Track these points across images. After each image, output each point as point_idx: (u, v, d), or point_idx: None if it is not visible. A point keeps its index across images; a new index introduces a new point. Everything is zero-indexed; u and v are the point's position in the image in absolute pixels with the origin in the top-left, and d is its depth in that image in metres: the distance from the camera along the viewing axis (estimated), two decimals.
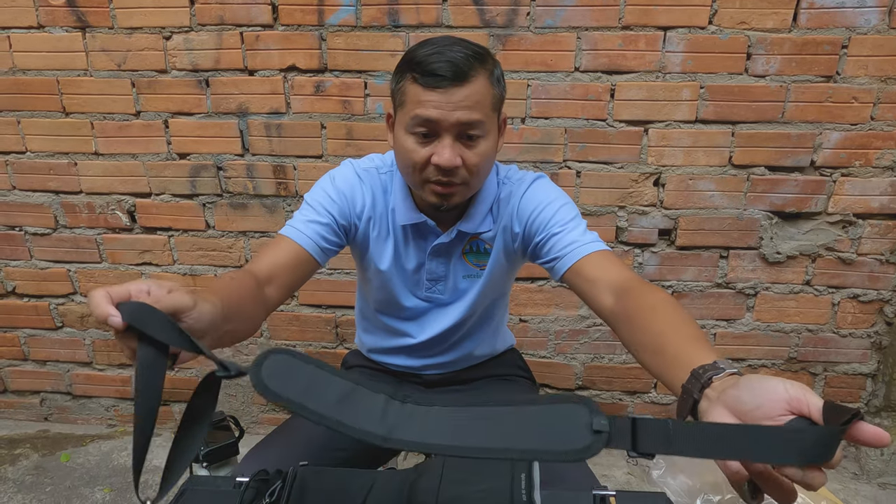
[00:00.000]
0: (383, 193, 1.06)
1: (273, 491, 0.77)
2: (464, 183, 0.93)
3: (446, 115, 0.88)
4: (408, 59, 0.91)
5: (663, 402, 1.93)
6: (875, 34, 1.52)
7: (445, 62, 0.86)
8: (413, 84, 0.89)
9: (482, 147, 0.92)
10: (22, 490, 1.83)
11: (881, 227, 1.69)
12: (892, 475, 1.85)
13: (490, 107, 0.91)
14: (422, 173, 0.93)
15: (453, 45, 0.89)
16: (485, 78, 0.89)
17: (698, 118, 1.63)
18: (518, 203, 1.04)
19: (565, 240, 0.97)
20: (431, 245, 1.06)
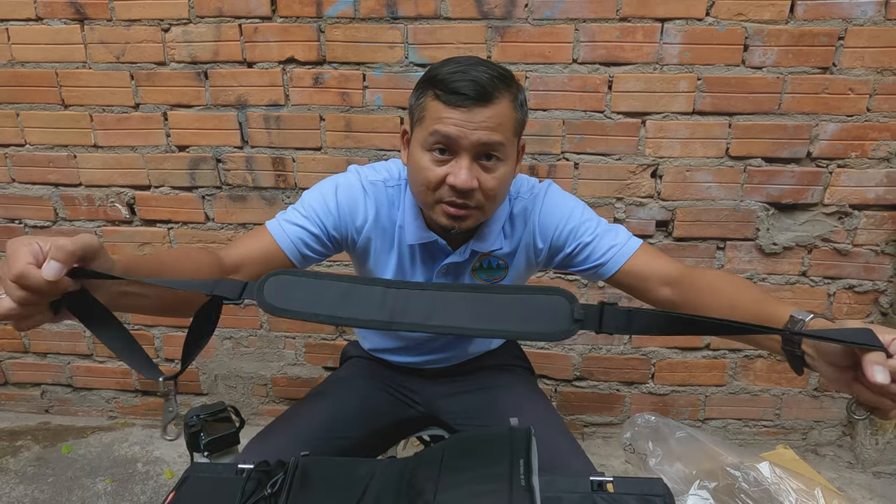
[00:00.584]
0: (389, 207, 1.04)
1: (275, 482, 0.78)
2: (478, 207, 0.91)
3: (467, 133, 0.86)
4: (430, 76, 0.89)
5: (660, 393, 1.95)
6: (871, 25, 1.53)
7: (470, 81, 0.84)
8: (434, 101, 0.87)
9: (500, 171, 0.90)
10: (24, 481, 1.84)
11: (877, 217, 1.71)
12: (886, 464, 1.87)
13: (512, 131, 0.90)
14: (435, 193, 0.91)
15: (478, 65, 0.87)
16: (508, 101, 0.88)
17: (695, 110, 1.64)
18: (538, 219, 1.04)
19: (602, 245, 0.99)
20: (441, 264, 1.04)
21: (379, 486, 0.79)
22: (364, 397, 1.18)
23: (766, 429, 1.97)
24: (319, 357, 2.01)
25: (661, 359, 1.91)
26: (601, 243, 1.00)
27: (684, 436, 1.48)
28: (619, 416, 1.99)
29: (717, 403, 1.95)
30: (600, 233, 1.01)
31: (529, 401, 1.16)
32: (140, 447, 2.00)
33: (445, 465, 0.76)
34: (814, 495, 1.27)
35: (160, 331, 2.01)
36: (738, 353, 1.88)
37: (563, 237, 1.03)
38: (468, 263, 1.06)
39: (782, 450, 1.59)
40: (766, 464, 1.34)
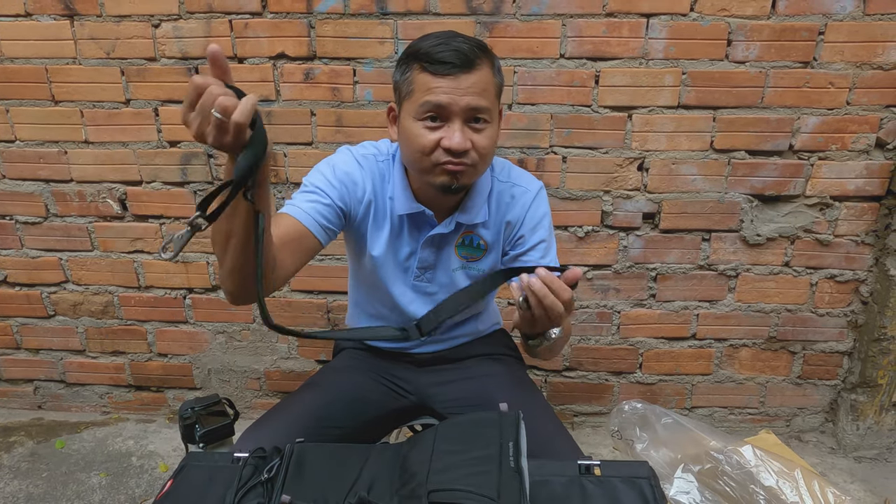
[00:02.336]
0: (381, 181, 1.09)
1: (271, 467, 0.80)
2: (473, 165, 0.97)
3: (456, 99, 0.92)
4: (413, 51, 0.95)
5: (648, 382, 1.98)
6: (850, 20, 1.57)
7: (453, 51, 0.91)
8: (422, 73, 0.93)
9: (489, 131, 0.97)
10: (18, 476, 1.85)
11: (857, 209, 1.75)
12: (867, 449, 1.92)
13: (494, 95, 0.97)
14: (431, 157, 0.96)
15: (456, 37, 0.94)
16: (489, 67, 0.95)
17: (681, 104, 1.67)
18: (526, 213, 1.11)
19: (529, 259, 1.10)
20: (427, 235, 1.09)
21: (373, 471, 0.81)
22: (356, 387, 1.20)
23: (751, 416, 2.02)
24: (312, 350, 2.03)
25: (648, 349, 1.94)
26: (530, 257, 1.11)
27: (670, 422, 1.52)
28: (608, 406, 2.03)
29: (704, 392, 1.99)
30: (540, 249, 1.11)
31: (519, 388, 1.19)
32: (134, 441, 2.01)
33: (437, 449, 0.79)
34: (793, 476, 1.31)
35: (153, 325, 2.02)
36: (724, 343, 1.92)
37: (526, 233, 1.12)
38: (453, 236, 1.11)
39: (765, 435, 1.64)
40: (749, 447, 1.38)
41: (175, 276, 1.94)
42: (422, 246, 1.10)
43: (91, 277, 1.97)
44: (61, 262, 1.95)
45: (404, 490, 0.75)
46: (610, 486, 0.88)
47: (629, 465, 0.92)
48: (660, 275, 1.85)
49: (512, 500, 0.69)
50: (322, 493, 0.77)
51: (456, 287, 1.14)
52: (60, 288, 1.99)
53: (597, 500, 0.86)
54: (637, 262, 1.84)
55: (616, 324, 1.92)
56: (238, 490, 0.77)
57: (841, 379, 1.94)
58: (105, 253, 1.93)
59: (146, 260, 1.93)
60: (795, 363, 1.94)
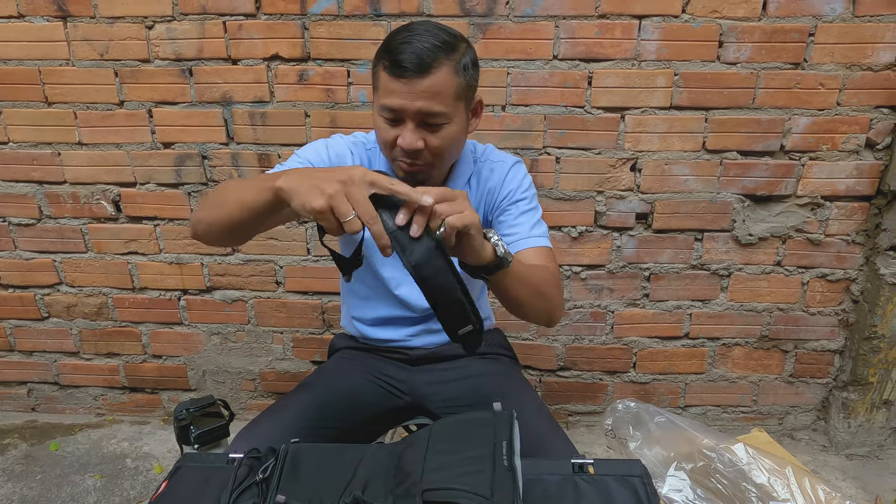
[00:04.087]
0: (369, 167, 1.10)
1: (266, 468, 0.81)
2: (428, 164, 1.01)
3: (408, 104, 0.94)
4: (385, 43, 0.96)
5: (642, 381, 1.99)
6: (840, 22, 1.58)
7: (410, 53, 0.91)
8: (383, 71, 0.95)
9: (445, 132, 0.98)
10: (12, 479, 1.84)
11: (847, 208, 1.76)
12: (858, 447, 1.94)
13: (453, 97, 0.96)
14: (391, 151, 1.01)
15: (425, 33, 0.94)
16: (449, 69, 0.94)
17: (673, 105, 1.68)
18: (502, 182, 1.13)
19: (513, 229, 1.10)
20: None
21: (367, 470, 0.82)
22: (351, 388, 1.20)
23: (744, 414, 2.03)
24: (307, 351, 2.03)
25: (642, 348, 1.95)
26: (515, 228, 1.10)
27: (663, 420, 1.53)
28: (602, 405, 2.04)
29: (697, 391, 2.01)
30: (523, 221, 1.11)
31: (513, 388, 1.20)
32: (129, 443, 2.01)
33: (431, 449, 0.79)
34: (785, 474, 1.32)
35: (147, 327, 2.02)
36: (717, 342, 1.94)
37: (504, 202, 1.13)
38: None
39: (757, 433, 1.65)
40: (741, 445, 1.40)
41: (169, 278, 1.94)
42: None
43: (85, 279, 1.96)
44: (55, 263, 1.95)
45: (399, 489, 0.75)
46: (603, 485, 0.89)
47: (622, 464, 0.93)
48: (653, 274, 1.86)
49: (505, 498, 0.70)
50: (317, 493, 0.78)
51: None
52: (54, 290, 1.99)
53: (590, 499, 0.86)
54: (630, 262, 1.85)
55: (610, 323, 1.93)
56: (233, 490, 0.77)
57: (832, 377, 1.96)
58: (99, 254, 1.93)
59: (140, 261, 1.93)
60: (787, 362, 1.95)
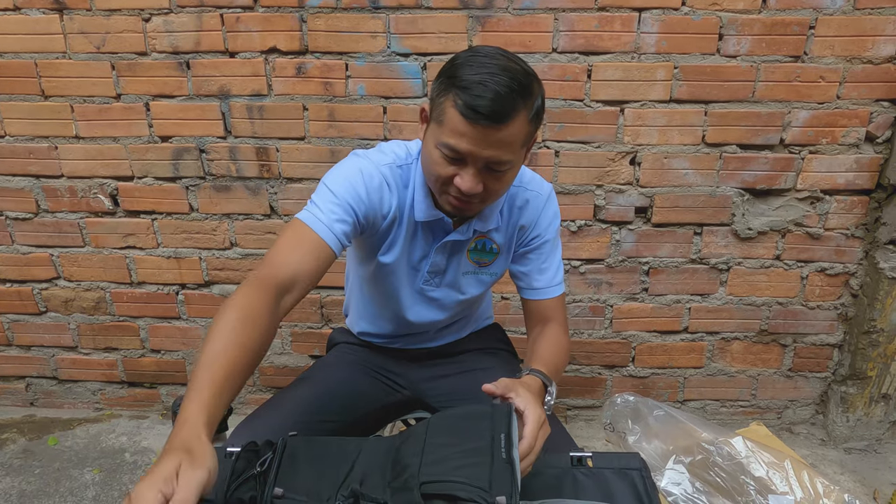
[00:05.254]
0: (403, 188, 1.05)
1: (264, 461, 0.80)
2: (482, 201, 0.97)
3: (477, 151, 0.88)
4: (453, 73, 0.88)
5: (640, 376, 1.99)
6: (840, 15, 1.57)
7: (491, 99, 0.84)
8: (453, 108, 0.87)
9: (507, 176, 0.94)
10: (10, 473, 1.84)
11: (847, 202, 1.76)
12: (856, 440, 1.94)
13: (521, 143, 0.91)
14: (443, 186, 0.94)
15: (502, 71, 0.85)
16: (524, 117, 0.88)
17: (672, 98, 1.67)
18: (537, 219, 1.12)
19: (542, 280, 1.14)
20: (442, 240, 1.07)
21: (365, 463, 0.82)
22: (350, 381, 1.20)
23: (743, 409, 2.04)
24: (306, 346, 2.03)
25: (641, 342, 1.95)
26: (543, 278, 1.14)
27: (662, 414, 1.53)
28: (601, 399, 2.04)
29: (696, 385, 2.01)
30: (549, 266, 1.14)
31: None
32: (127, 438, 2.01)
33: (430, 441, 0.79)
34: (783, 467, 1.32)
35: (145, 321, 2.01)
36: (716, 336, 1.94)
37: (536, 241, 1.13)
38: (467, 242, 1.10)
39: (756, 426, 1.65)
40: (740, 438, 1.40)
41: (167, 272, 1.94)
42: (435, 251, 1.08)
43: (83, 273, 1.96)
44: (52, 258, 1.94)
45: (396, 482, 0.75)
46: (601, 478, 0.89)
47: (621, 457, 0.93)
48: (652, 269, 1.86)
49: (504, 490, 0.70)
50: (315, 485, 0.78)
51: (461, 292, 1.15)
52: (52, 284, 1.98)
53: (588, 491, 0.87)
54: (629, 256, 1.85)
55: (609, 318, 1.93)
56: (230, 483, 0.77)
57: (831, 371, 1.96)
58: (97, 249, 1.92)
59: (138, 255, 1.92)
60: (786, 356, 1.95)
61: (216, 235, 1.88)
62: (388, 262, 1.09)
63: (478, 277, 1.15)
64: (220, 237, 1.89)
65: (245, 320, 0.78)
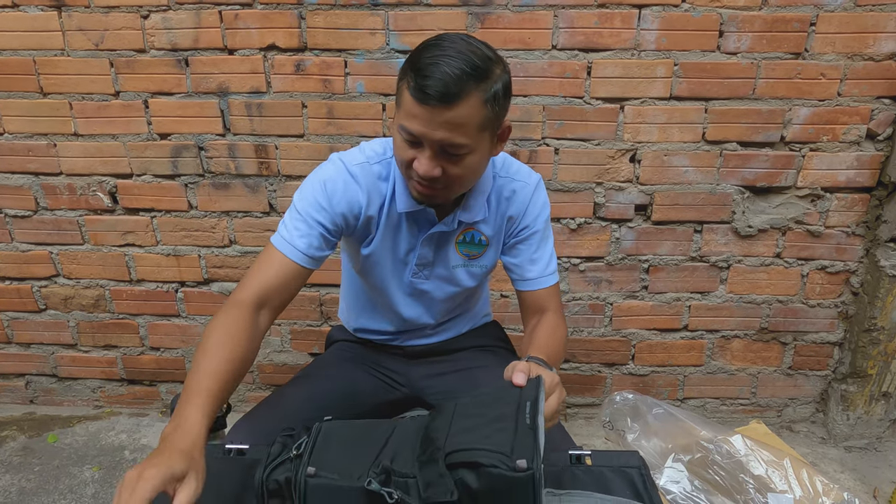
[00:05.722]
0: (379, 181, 1.06)
1: (300, 444, 0.80)
2: (445, 188, 0.96)
3: (429, 132, 0.88)
4: (412, 58, 0.90)
5: (640, 374, 1.99)
6: (842, 11, 1.57)
7: (437, 80, 0.84)
8: (407, 91, 0.88)
9: (466, 162, 0.93)
10: (10, 471, 1.84)
11: (848, 200, 1.75)
12: (856, 439, 1.94)
13: (477, 127, 0.90)
14: (407, 170, 0.96)
15: (456, 55, 0.85)
16: (476, 99, 0.87)
17: (672, 95, 1.67)
18: (525, 209, 1.11)
19: (534, 270, 1.13)
20: (427, 232, 1.07)
21: (398, 441, 0.81)
22: (348, 379, 1.20)
23: (743, 407, 2.03)
24: (305, 343, 2.02)
25: (641, 340, 1.95)
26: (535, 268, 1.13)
27: (661, 412, 1.52)
28: (601, 398, 2.03)
29: (696, 383, 2.00)
30: (541, 257, 1.13)
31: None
32: (127, 435, 2.01)
33: (457, 415, 0.79)
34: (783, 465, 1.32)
35: (145, 319, 2.01)
36: (716, 334, 1.93)
37: (526, 232, 1.12)
38: (453, 234, 1.10)
39: (755, 425, 1.65)
40: (739, 437, 1.39)
41: (167, 270, 1.94)
42: (422, 243, 1.09)
43: (82, 271, 1.96)
44: (52, 255, 1.94)
45: (424, 456, 0.75)
46: (600, 476, 0.89)
47: (620, 455, 0.93)
48: (652, 266, 1.86)
49: (525, 455, 0.69)
50: (348, 464, 0.77)
51: (452, 285, 1.15)
52: (51, 282, 1.98)
53: (587, 490, 0.86)
54: (629, 254, 1.85)
55: (608, 315, 1.92)
56: (266, 466, 0.78)
57: (831, 369, 1.96)
58: (96, 246, 1.92)
59: (137, 253, 1.92)
60: (786, 354, 1.95)
61: (215, 233, 1.88)
62: (371, 253, 1.10)
63: (468, 270, 1.14)
64: (219, 235, 1.88)
65: (229, 337, 0.89)
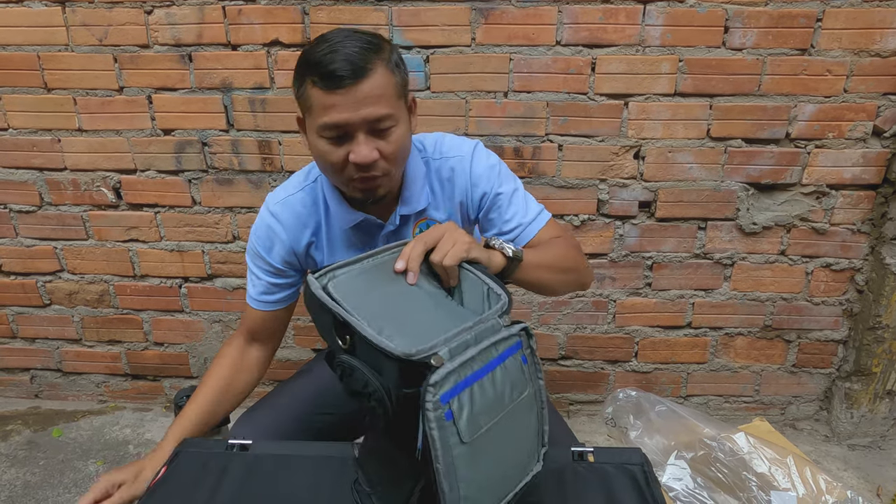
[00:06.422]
0: (313, 207, 1.06)
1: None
2: (385, 174, 0.94)
3: (353, 115, 0.87)
4: (304, 61, 0.89)
5: (643, 371, 1.99)
6: (848, 7, 1.55)
7: (342, 61, 0.84)
8: (314, 88, 0.87)
9: (395, 135, 0.92)
10: (15, 464, 1.85)
11: (853, 197, 1.74)
12: (860, 437, 1.93)
13: (395, 95, 0.91)
14: (343, 173, 0.93)
15: (346, 39, 0.87)
16: (383, 67, 0.88)
17: (677, 91, 1.66)
18: (469, 180, 1.06)
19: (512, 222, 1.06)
20: (378, 237, 1.06)
21: None
22: None
23: (746, 404, 2.03)
24: (308, 339, 2.03)
25: (644, 337, 1.95)
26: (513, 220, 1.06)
27: (664, 409, 1.52)
28: (604, 394, 2.03)
29: (699, 380, 2.00)
30: (515, 208, 1.07)
31: None
32: (131, 430, 2.02)
33: None
34: (786, 463, 1.31)
35: (149, 314, 2.02)
36: (719, 332, 1.93)
37: (486, 200, 1.07)
38: (406, 230, 1.07)
39: (758, 422, 1.64)
40: (742, 434, 1.39)
41: (170, 265, 1.94)
42: None
43: (86, 266, 1.96)
44: (56, 251, 1.95)
45: None
46: (603, 473, 0.89)
47: (622, 452, 0.93)
48: (655, 263, 1.85)
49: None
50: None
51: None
52: (56, 277, 1.99)
53: (590, 486, 0.86)
54: (633, 251, 1.84)
55: (612, 312, 1.92)
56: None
57: (835, 367, 1.95)
58: (100, 242, 1.93)
59: (141, 249, 1.92)
60: (790, 352, 1.94)
61: (219, 229, 1.88)
62: None
63: None
64: (222, 230, 1.89)
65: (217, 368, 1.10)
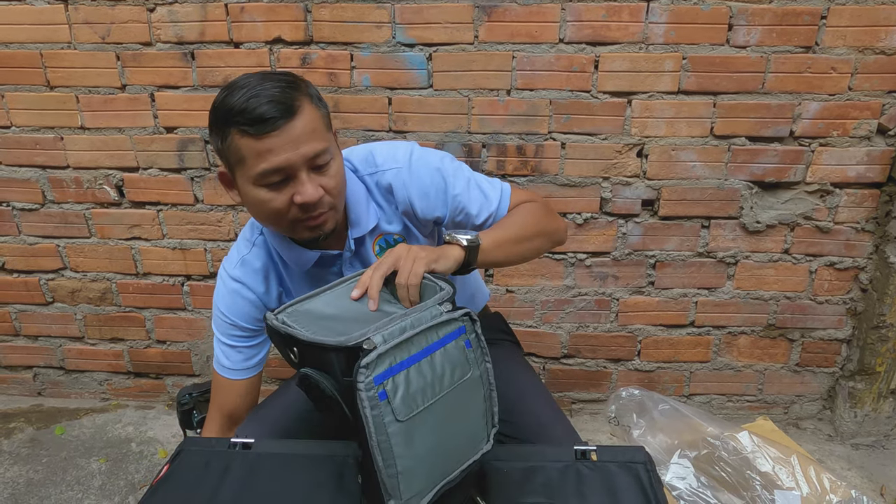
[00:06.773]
0: (269, 261, 1.05)
1: None
2: (331, 208, 0.92)
3: (293, 154, 0.84)
4: (223, 112, 0.85)
5: (646, 370, 1.98)
6: (853, 4, 1.55)
7: (268, 103, 0.82)
8: (244, 137, 0.84)
9: (334, 169, 0.90)
10: (18, 462, 1.85)
11: (857, 196, 1.74)
12: (864, 436, 1.92)
13: (324, 128, 0.90)
14: (287, 217, 0.91)
15: (263, 81, 0.85)
16: (308, 103, 0.87)
17: (681, 89, 1.65)
18: (413, 190, 1.02)
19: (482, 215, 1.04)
20: (342, 266, 1.04)
21: None
22: None
23: (749, 403, 2.02)
24: None
25: (647, 336, 1.94)
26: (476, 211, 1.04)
27: (667, 408, 1.52)
28: (607, 393, 2.03)
29: (702, 379, 2.00)
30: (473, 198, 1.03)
31: (516, 372, 1.19)
32: (133, 428, 2.02)
33: None
34: (790, 462, 1.31)
35: (151, 312, 2.02)
36: (722, 330, 1.92)
37: (448, 211, 1.03)
38: (365, 250, 1.05)
39: (762, 421, 1.64)
40: (745, 433, 1.39)
41: (173, 263, 1.94)
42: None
43: (89, 264, 1.97)
44: (59, 248, 1.95)
45: None
46: (606, 471, 0.88)
47: (626, 451, 0.93)
48: (659, 262, 1.85)
49: None
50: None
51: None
52: (58, 275, 1.99)
53: (593, 485, 0.86)
54: (636, 250, 1.84)
55: (615, 311, 1.92)
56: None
57: (839, 366, 1.95)
58: (102, 240, 1.93)
59: (144, 247, 1.92)
60: (794, 350, 1.94)
61: (221, 226, 1.88)
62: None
63: None
64: (224, 228, 1.89)
65: None
